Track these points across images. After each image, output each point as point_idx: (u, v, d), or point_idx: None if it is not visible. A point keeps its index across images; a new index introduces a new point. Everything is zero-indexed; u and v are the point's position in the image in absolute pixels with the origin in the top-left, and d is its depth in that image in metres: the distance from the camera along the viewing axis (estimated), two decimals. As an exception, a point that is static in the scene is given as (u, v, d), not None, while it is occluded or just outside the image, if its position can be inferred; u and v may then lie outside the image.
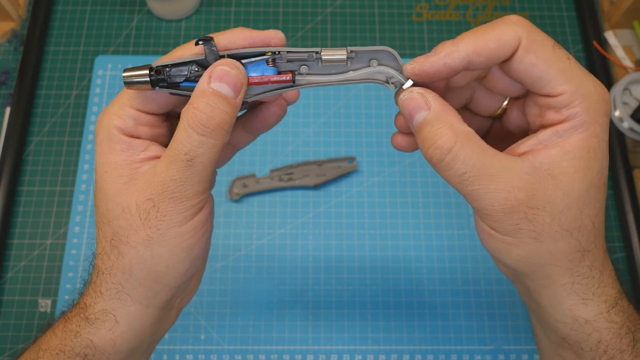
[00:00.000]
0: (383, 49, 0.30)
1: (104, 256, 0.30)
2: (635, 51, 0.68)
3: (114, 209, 0.29)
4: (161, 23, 0.70)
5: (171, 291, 0.31)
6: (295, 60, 0.29)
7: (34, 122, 0.65)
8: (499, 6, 0.72)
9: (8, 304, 0.58)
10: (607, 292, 0.30)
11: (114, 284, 0.30)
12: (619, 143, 0.63)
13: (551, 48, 0.27)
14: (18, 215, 0.61)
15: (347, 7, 0.71)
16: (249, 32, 0.29)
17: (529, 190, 0.27)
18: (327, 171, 0.62)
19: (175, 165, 0.28)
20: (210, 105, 0.27)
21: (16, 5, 0.68)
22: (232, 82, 0.28)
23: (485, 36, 0.27)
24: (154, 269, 0.29)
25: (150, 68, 0.28)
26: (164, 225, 0.28)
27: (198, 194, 0.29)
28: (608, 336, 0.30)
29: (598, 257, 0.29)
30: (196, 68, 0.29)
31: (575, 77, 0.27)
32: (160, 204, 0.28)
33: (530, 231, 0.28)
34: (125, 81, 0.28)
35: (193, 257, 0.30)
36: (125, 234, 0.29)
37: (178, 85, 0.29)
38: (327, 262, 0.59)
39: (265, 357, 0.56)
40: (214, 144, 0.27)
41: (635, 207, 0.61)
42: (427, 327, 0.57)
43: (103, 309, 0.30)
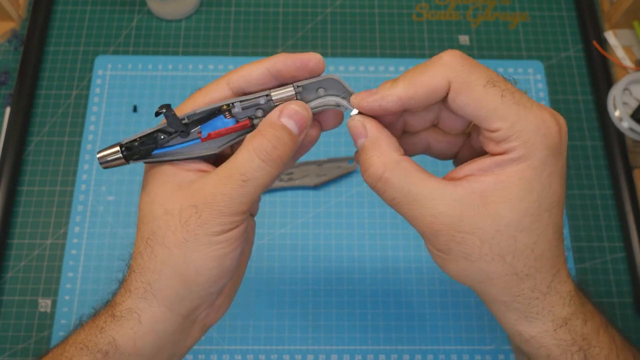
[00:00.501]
0: (328, 77, 0.31)
1: (137, 256, 0.31)
2: (635, 51, 0.68)
3: (156, 210, 0.30)
4: (161, 23, 0.70)
5: (197, 299, 0.31)
6: (249, 107, 0.31)
7: (34, 122, 0.65)
8: (499, 6, 0.72)
9: (8, 304, 0.58)
10: (554, 312, 0.30)
11: (142, 282, 0.31)
12: (619, 143, 0.63)
13: (482, 87, 0.28)
14: (18, 215, 0.61)
15: (347, 7, 0.71)
16: (290, 55, 0.31)
17: (456, 216, 0.28)
18: (327, 171, 0.62)
19: (230, 182, 0.29)
20: (276, 137, 0.29)
21: (16, 5, 0.68)
22: (299, 120, 0.30)
23: (417, 82, 0.28)
24: (184, 272, 0.30)
25: (120, 145, 0.31)
26: (202, 231, 0.29)
27: (241, 213, 0.30)
28: (557, 352, 0.30)
29: (542, 280, 0.29)
30: (162, 135, 0.31)
31: (509, 114, 0.27)
32: (203, 212, 0.29)
33: (460, 252, 0.29)
34: (100, 162, 0.31)
35: (222, 268, 0.31)
36: (162, 234, 0.30)
37: (150, 154, 0.31)
38: (327, 262, 0.59)
39: (265, 357, 0.56)
40: (270, 172, 0.30)
41: (635, 207, 0.61)
42: (427, 327, 0.57)
43: (129, 307, 0.31)
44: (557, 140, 0.28)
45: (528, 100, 0.28)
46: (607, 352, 0.31)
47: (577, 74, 0.69)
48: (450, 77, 0.28)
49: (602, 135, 0.65)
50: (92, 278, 0.58)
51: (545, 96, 0.67)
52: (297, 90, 0.31)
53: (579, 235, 0.61)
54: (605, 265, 0.60)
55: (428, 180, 0.29)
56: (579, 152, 0.65)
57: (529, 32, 0.70)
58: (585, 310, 0.31)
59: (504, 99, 0.27)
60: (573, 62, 0.69)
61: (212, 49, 0.69)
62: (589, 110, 0.67)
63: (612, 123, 0.64)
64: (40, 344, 0.56)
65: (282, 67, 0.30)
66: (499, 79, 0.28)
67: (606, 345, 0.31)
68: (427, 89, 0.28)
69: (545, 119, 0.28)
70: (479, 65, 0.28)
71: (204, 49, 0.69)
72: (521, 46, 0.70)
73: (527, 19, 0.71)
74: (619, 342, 0.32)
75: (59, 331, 0.56)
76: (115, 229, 0.60)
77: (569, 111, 0.67)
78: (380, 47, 0.69)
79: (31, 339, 0.57)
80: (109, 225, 0.60)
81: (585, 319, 0.31)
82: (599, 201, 0.63)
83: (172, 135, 0.31)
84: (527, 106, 0.28)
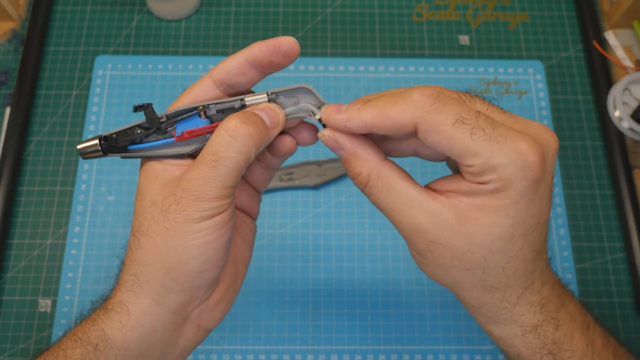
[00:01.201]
0: (300, 87, 0.32)
1: (128, 251, 0.32)
2: (635, 51, 0.68)
3: (144, 204, 0.31)
4: (161, 23, 0.70)
5: (184, 292, 0.31)
6: (224, 110, 0.32)
7: (34, 122, 0.65)
8: (499, 6, 0.72)
9: (8, 304, 0.58)
10: (523, 320, 0.31)
11: (130, 275, 0.31)
12: (619, 143, 0.63)
13: (451, 127, 0.27)
14: (18, 215, 0.61)
15: (347, 7, 0.71)
16: (264, 42, 0.31)
17: (431, 228, 0.29)
18: (327, 171, 0.62)
19: (202, 164, 0.30)
20: (246, 116, 0.30)
21: (16, 5, 0.68)
22: (269, 112, 0.31)
23: (385, 114, 0.28)
24: (167, 261, 0.30)
25: (100, 137, 0.32)
26: (181, 218, 0.30)
27: (219, 197, 0.30)
28: (526, 352, 0.31)
29: (512, 293, 0.30)
30: (139, 131, 0.32)
31: (482, 150, 0.27)
32: (181, 199, 0.30)
33: (433, 259, 0.30)
34: (80, 152, 0.32)
35: (206, 258, 0.31)
36: (147, 225, 0.31)
37: (126, 148, 0.32)
38: (327, 262, 0.59)
39: (265, 357, 0.56)
40: (240, 150, 0.29)
41: (635, 207, 0.61)
42: (427, 327, 0.57)
43: (119, 300, 0.31)
44: (536, 170, 0.27)
45: (503, 132, 0.27)
46: (579, 355, 0.31)
47: (577, 74, 0.69)
48: (416, 118, 0.27)
49: (602, 135, 0.65)
50: (92, 278, 0.58)
51: (545, 96, 0.67)
52: (270, 97, 0.32)
53: (579, 235, 0.61)
54: (605, 265, 0.60)
55: (408, 189, 0.30)
56: (579, 152, 0.65)
57: (529, 32, 0.70)
58: (559, 316, 0.31)
59: (474, 136, 0.27)
60: (573, 62, 0.69)
61: (212, 49, 0.69)
62: (589, 110, 0.67)
63: (612, 123, 0.64)
64: (40, 344, 0.56)
65: (257, 54, 0.31)
66: (470, 114, 0.27)
67: (579, 349, 0.31)
68: (393, 124, 0.28)
69: (522, 151, 0.27)
70: (449, 102, 0.27)
71: (204, 49, 0.69)
72: (521, 46, 0.70)
73: (527, 19, 0.71)
74: (599, 345, 0.32)
75: (59, 331, 0.56)
76: (115, 229, 0.60)
77: (569, 111, 0.67)
78: (380, 47, 0.69)
79: (31, 339, 0.57)
80: (109, 225, 0.60)
81: (557, 325, 0.31)
82: (599, 201, 0.63)
83: (148, 132, 0.32)
84: (500, 140, 0.27)
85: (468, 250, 0.29)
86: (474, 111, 0.27)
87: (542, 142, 0.28)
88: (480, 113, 0.27)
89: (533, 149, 0.27)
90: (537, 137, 0.28)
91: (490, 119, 0.27)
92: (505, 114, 0.29)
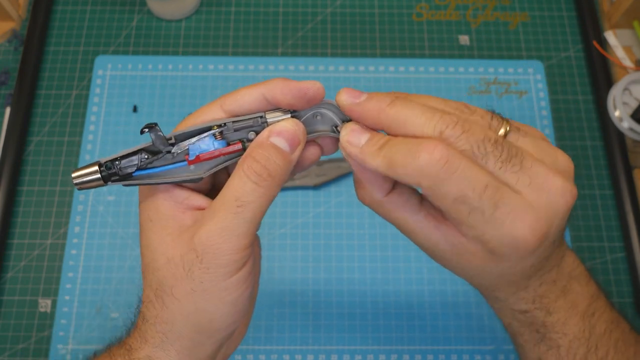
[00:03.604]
0: (325, 102, 0.30)
1: (149, 304, 0.30)
2: (635, 51, 0.68)
3: (158, 259, 0.29)
4: (161, 23, 0.70)
5: (215, 343, 0.31)
6: (242, 129, 0.29)
7: (34, 122, 0.65)
8: (499, 6, 0.72)
9: (8, 304, 0.58)
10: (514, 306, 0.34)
11: (158, 332, 0.30)
12: (619, 143, 0.63)
13: (451, 202, 0.26)
14: (18, 215, 0.61)
15: (347, 7, 0.71)
16: (287, 82, 0.29)
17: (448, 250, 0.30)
18: (327, 171, 0.62)
19: (225, 212, 0.28)
20: (265, 157, 0.28)
21: (16, 5, 0.68)
22: (289, 137, 0.29)
23: (393, 168, 0.27)
24: (197, 321, 0.29)
25: (99, 164, 0.28)
26: (207, 278, 0.28)
27: (243, 248, 0.28)
28: (517, 325, 0.35)
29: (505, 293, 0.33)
30: (146, 156, 0.29)
31: (477, 225, 0.27)
32: (204, 256, 0.28)
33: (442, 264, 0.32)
34: (75, 182, 0.28)
35: (237, 311, 0.30)
36: (169, 284, 0.29)
37: (131, 175, 0.29)
38: (327, 262, 0.59)
39: (265, 357, 0.56)
40: (264, 194, 0.28)
41: (635, 207, 0.61)
42: (427, 327, 0.57)
43: (147, 354, 0.30)
44: (531, 249, 0.27)
45: (504, 213, 0.26)
46: (571, 338, 0.33)
47: (577, 74, 0.69)
48: (421, 183, 0.26)
49: (602, 135, 0.65)
50: (92, 278, 0.58)
51: (545, 96, 0.67)
52: (293, 115, 0.30)
53: (579, 235, 0.61)
54: (605, 265, 0.60)
55: (411, 219, 0.30)
56: (579, 152, 0.65)
57: (529, 32, 0.70)
58: (556, 305, 0.34)
59: (471, 216, 0.26)
60: (573, 62, 0.69)
61: (212, 49, 0.69)
62: (589, 110, 0.67)
63: (612, 123, 0.64)
64: (40, 344, 0.56)
65: (279, 95, 0.29)
66: (474, 191, 0.26)
67: (572, 333, 0.33)
68: (401, 178, 0.27)
69: (518, 236, 0.26)
70: (456, 171, 0.26)
71: (204, 49, 0.69)
72: (521, 46, 0.70)
73: (527, 19, 0.71)
74: (600, 331, 0.34)
75: (59, 331, 0.56)
76: (115, 229, 0.60)
77: (569, 111, 0.67)
78: (380, 47, 0.69)
79: (31, 339, 0.57)
80: (109, 225, 0.60)
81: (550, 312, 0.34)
82: (599, 201, 0.63)
83: (156, 156, 0.29)
84: (499, 223, 0.26)
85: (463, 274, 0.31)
86: (480, 185, 0.26)
87: (551, 211, 0.27)
88: (489, 185, 0.26)
89: (532, 232, 0.26)
90: (549, 201, 0.27)
91: (499, 192, 0.26)
92: (521, 169, 0.27)
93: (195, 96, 0.66)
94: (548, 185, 0.27)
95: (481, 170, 0.26)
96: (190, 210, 0.30)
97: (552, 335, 0.33)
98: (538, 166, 0.27)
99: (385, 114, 0.28)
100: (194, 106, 0.65)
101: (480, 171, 0.26)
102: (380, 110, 0.28)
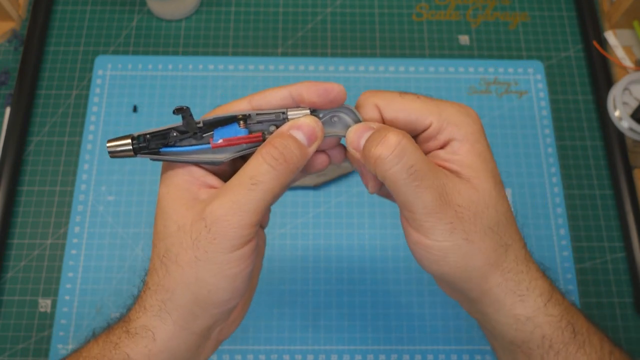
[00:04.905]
0: (342, 107, 0.32)
1: (153, 272, 0.31)
2: (635, 51, 0.68)
3: (170, 226, 0.30)
4: (161, 23, 0.70)
5: (211, 318, 0.31)
6: (264, 121, 0.32)
7: (34, 122, 0.65)
8: (499, 6, 0.72)
9: (8, 304, 0.58)
10: (539, 285, 0.32)
11: (157, 300, 0.31)
12: (619, 143, 0.63)
13: (399, 96, 0.32)
14: (18, 215, 0.61)
15: (347, 7, 0.71)
16: (314, 82, 0.31)
17: (454, 187, 0.30)
18: (327, 171, 0.62)
19: (239, 186, 0.29)
20: (283, 144, 0.30)
21: (16, 5, 0.68)
22: (308, 132, 0.31)
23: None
24: (196, 291, 0.30)
25: (132, 137, 0.31)
26: (212, 248, 0.29)
27: (250, 225, 0.29)
28: (549, 330, 0.32)
29: (519, 250, 0.32)
30: (175, 134, 0.31)
31: (432, 109, 0.31)
32: (212, 226, 0.29)
33: (462, 231, 0.30)
34: (110, 151, 0.31)
35: (235, 287, 0.31)
36: (176, 251, 0.30)
37: (159, 151, 0.31)
38: (327, 262, 0.59)
39: (265, 357, 0.56)
40: (278, 177, 0.30)
41: (635, 207, 0.61)
42: (427, 327, 0.57)
43: (144, 324, 0.31)
44: (477, 117, 0.32)
45: (439, 99, 0.32)
46: (586, 325, 0.33)
47: (577, 74, 0.69)
48: (376, 103, 0.32)
49: (602, 135, 0.65)
50: (92, 278, 0.58)
51: (545, 96, 0.67)
52: (313, 114, 0.32)
53: (579, 235, 0.61)
54: (605, 265, 0.60)
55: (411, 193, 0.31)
56: (579, 152, 0.65)
57: (529, 32, 0.70)
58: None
59: (420, 99, 0.31)
60: (573, 62, 0.69)
61: (212, 49, 0.69)
62: (589, 110, 0.67)
63: (612, 123, 0.64)
64: (40, 344, 0.56)
65: (305, 94, 0.31)
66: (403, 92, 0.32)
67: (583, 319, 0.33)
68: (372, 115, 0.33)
69: (460, 105, 0.32)
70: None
71: (204, 49, 0.69)
72: (521, 46, 0.70)
73: (527, 19, 0.71)
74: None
75: (59, 331, 0.56)
76: (115, 229, 0.60)
77: (569, 111, 0.67)
78: (380, 47, 0.69)
79: (31, 339, 0.57)
80: (109, 225, 0.60)
81: (560, 292, 0.33)
82: (599, 201, 0.63)
83: (184, 136, 0.31)
84: (441, 101, 0.32)
85: (484, 204, 0.30)
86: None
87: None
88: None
89: (465, 107, 0.32)
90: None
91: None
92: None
93: (195, 96, 0.66)
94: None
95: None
96: (205, 187, 0.31)
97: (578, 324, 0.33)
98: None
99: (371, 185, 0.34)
100: (194, 106, 0.65)
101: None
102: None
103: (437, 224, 0.30)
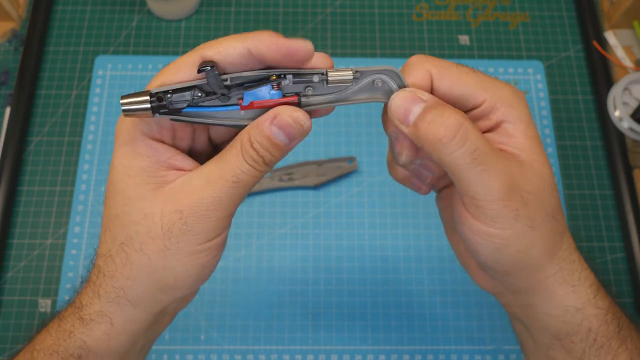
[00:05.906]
0: (387, 69, 0.29)
1: (107, 258, 0.30)
2: (635, 51, 0.68)
3: (134, 213, 0.29)
4: (161, 23, 0.70)
5: (171, 300, 0.31)
6: (300, 82, 0.29)
7: (34, 122, 0.65)
8: (499, 6, 0.72)
9: (8, 304, 0.58)
10: (589, 276, 0.31)
11: (114, 287, 0.30)
12: (619, 143, 0.63)
13: (455, 67, 0.30)
14: (18, 215, 0.61)
15: (347, 7, 0.71)
16: (276, 39, 0.27)
17: (519, 172, 0.29)
18: (327, 171, 0.62)
19: (221, 183, 0.29)
20: (263, 148, 0.28)
21: (16, 5, 0.68)
22: (290, 133, 0.28)
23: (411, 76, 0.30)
24: (162, 279, 0.30)
25: (150, 94, 0.27)
26: (186, 239, 0.29)
27: (227, 217, 0.29)
28: (597, 324, 0.31)
29: (570, 239, 0.31)
30: (199, 93, 0.28)
31: (488, 86, 0.30)
32: (189, 218, 0.28)
33: (527, 218, 0.29)
34: (124, 109, 0.27)
35: (203, 274, 0.30)
36: (140, 240, 0.29)
37: (180, 111, 0.28)
38: (327, 262, 0.59)
39: (265, 357, 0.56)
40: (257, 175, 0.29)
41: (635, 207, 0.61)
42: (427, 327, 0.57)
43: (99, 310, 0.30)
44: (526, 101, 0.30)
45: (492, 77, 0.31)
46: (628, 321, 0.33)
47: (577, 74, 0.69)
48: (429, 68, 0.30)
49: (602, 135, 0.65)
50: (92, 278, 0.58)
51: (545, 96, 0.67)
52: (355, 76, 0.29)
53: (579, 235, 0.61)
54: (605, 265, 0.60)
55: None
56: (579, 152, 0.65)
57: (529, 32, 0.70)
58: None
59: (476, 74, 0.30)
60: (573, 62, 0.69)
61: (212, 49, 0.68)
62: (589, 110, 0.67)
63: (612, 123, 0.64)
64: (40, 344, 0.56)
65: (265, 51, 0.27)
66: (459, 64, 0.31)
67: (625, 315, 0.33)
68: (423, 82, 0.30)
69: (512, 86, 0.30)
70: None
71: (204, 49, 0.68)
72: (521, 46, 0.70)
73: (527, 19, 0.71)
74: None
75: (59, 331, 0.57)
76: (115, 229, 0.60)
77: (569, 111, 0.67)
78: (380, 47, 0.69)
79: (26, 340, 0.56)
80: (109, 225, 0.60)
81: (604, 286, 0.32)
82: (599, 201, 0.63)
83: (210, 96, 0.28)
84: (495, 79, 0.30)
85: (548, 189, 0.30)
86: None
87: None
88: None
89: (512, 86, 0.31)
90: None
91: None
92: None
93: (195, 96, 0.66)
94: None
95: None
96: (173, 170, 0.30)
97: (623, 319, 0.32)
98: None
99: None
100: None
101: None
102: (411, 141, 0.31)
103: (502, 211, 0.28)
